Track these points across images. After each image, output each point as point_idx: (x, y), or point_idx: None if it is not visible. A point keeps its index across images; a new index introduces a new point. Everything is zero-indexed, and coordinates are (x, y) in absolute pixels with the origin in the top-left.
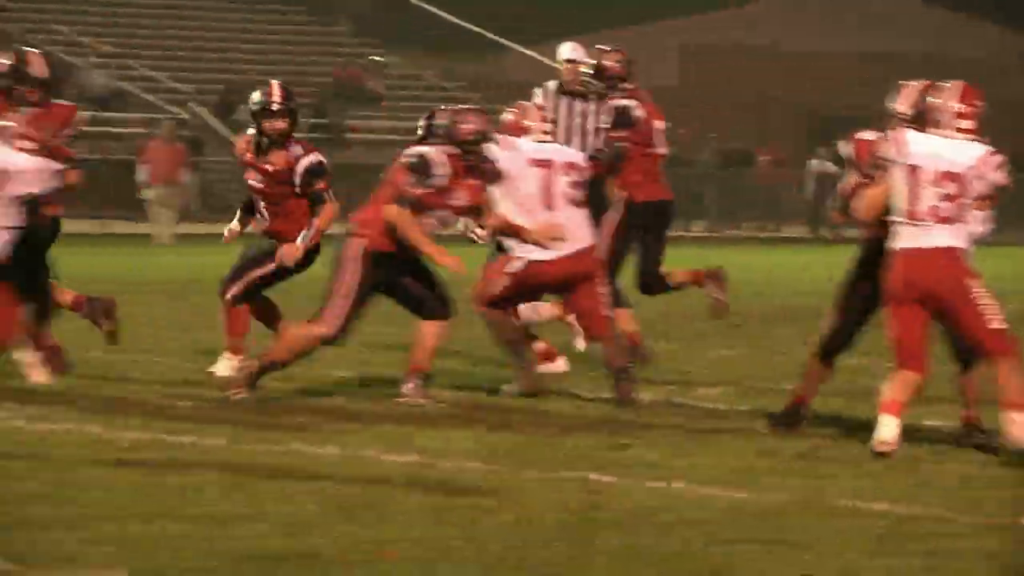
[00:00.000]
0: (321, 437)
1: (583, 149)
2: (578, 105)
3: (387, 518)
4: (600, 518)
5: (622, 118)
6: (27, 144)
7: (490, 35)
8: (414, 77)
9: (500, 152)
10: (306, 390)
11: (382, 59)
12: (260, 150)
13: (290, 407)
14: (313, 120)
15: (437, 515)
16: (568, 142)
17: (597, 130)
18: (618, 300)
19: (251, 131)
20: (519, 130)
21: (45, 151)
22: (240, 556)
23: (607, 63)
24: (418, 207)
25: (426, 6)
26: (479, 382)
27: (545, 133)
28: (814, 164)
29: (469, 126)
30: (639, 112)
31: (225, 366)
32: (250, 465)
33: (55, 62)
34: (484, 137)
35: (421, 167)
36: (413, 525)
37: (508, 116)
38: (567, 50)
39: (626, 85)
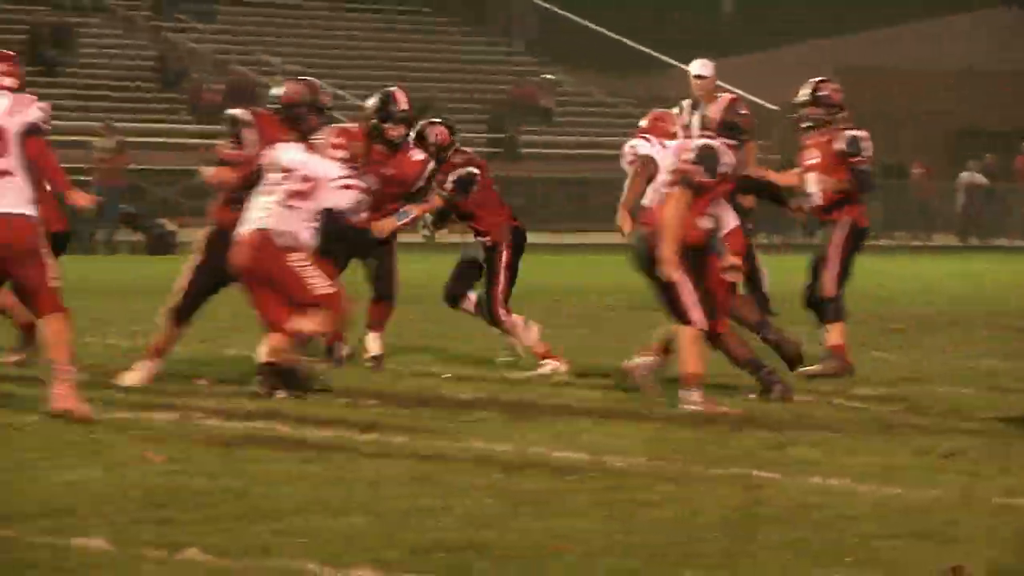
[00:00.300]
0: (498, 434)
1: None
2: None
3: (557, 512)
4: (761, 513)
5: (855, 147)
6: (338, 154)
7: (655, 54)
8: (583, 94)
9: (652, 148)
10: (484, 390)
11: (554, 77)
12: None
13: (468, 406)
14: (488, 135)
15: (604, 509)
16: None
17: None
18: (840, 313)
19: (342, 128)
20: (656, 132)
21: (354, 163)
22: (421, 547)
23: (826, 92)
24: (704, 194)
25: (595, 27)
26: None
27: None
28: (964, 176)
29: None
30: (868, 144)
31: (375, 344)
32: (431, 461)
33: (245, 81)
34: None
35: (709, 159)
36: (581, 519)
37: (643, 122)
38: (696, 67)
39: (843, 115)
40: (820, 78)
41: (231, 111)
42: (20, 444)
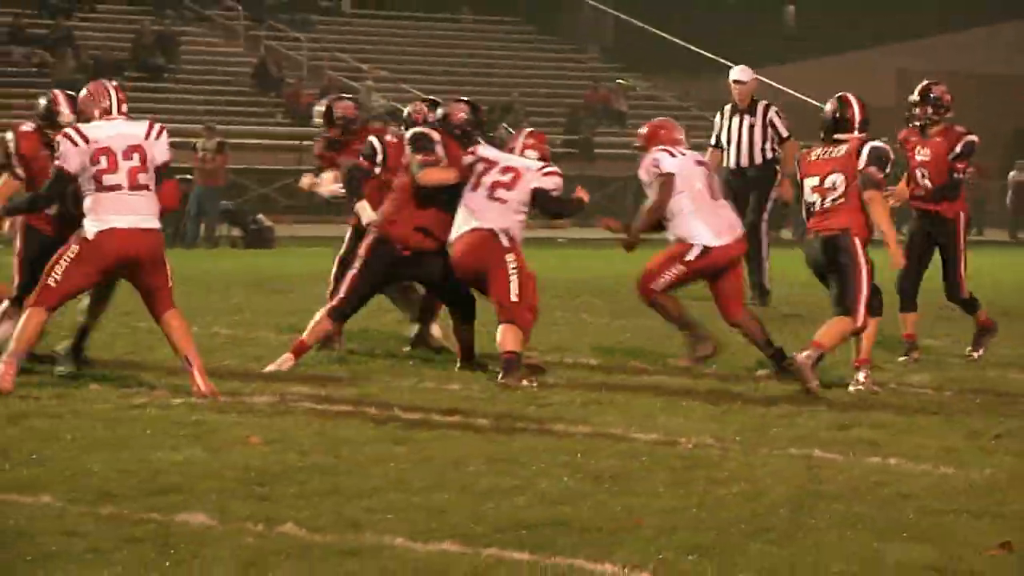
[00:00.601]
0: (576, 416)
1: (751, 155)
2: (747, 120)
3: (633, 490)
4: (823, 491)
5: (969, 152)
6: (533, 152)
7: (721, 60)
8: (655, 98)
9: (671, 159)
10: (560, 375)
11: (629, 82)
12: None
13: (547, 389)
14: (564, 136)
15: (677, 487)
16: (739, 151)
17: (764, 137)
18: (976, 304)
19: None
20: (664, 140)
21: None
22: (502, 523)
23: (937, 93)
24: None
25: (666, 35)
26: (721, 367)
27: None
28: (1013, 175)
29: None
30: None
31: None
32: (512, 443)
33: (337, 86)
34: None
35: (882, 158)
36: (656, 496)
37: (643, 130)
38: (736, 73)
39: (951, 115)
40: (932, 80)
41: (422, 130)
42: (127, 426)
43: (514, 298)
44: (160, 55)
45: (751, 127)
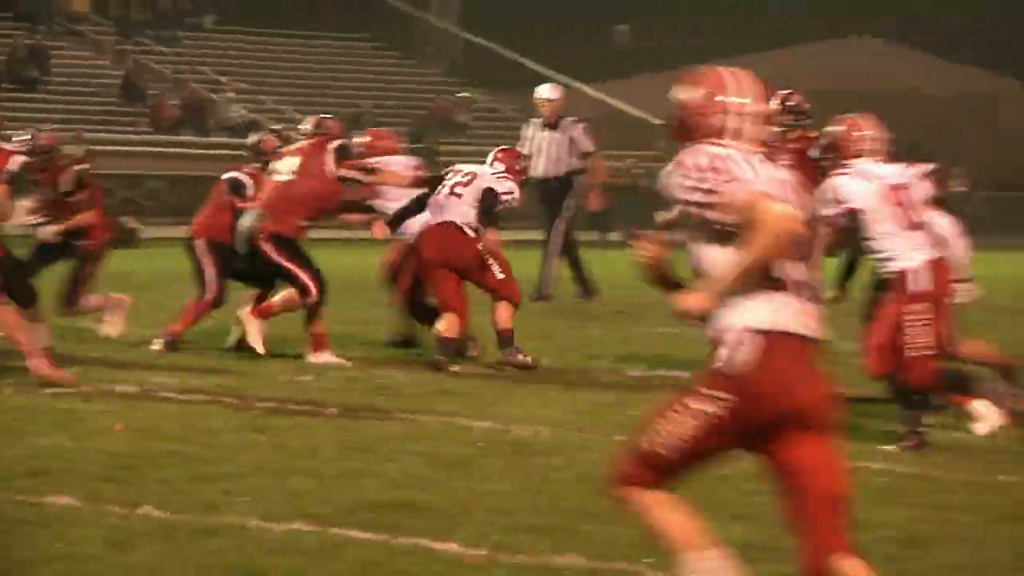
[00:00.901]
0: (421, 406)
1: (558, 168)
2: (557, 135)
3: (474, 474)
4: None
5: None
6: (500, 165)
7: (561, 76)
8: (495, 111)
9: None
10: (406, 368)
11: (469, 95)
12: None
13: (393, 382)
14: (411, 145)
15: (515, 472)
16: (545, 162)
17: (568, 152)
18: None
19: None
20: (379, 151)
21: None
22: (353, 505)
23: (795, 101)
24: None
25: (507, 53)
26: (551, 359)
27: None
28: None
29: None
30: None
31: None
32: (362, 431)
33: (199, 97)
34: None
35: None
36: (495, 480)
37: (365, 138)
38: (544, 91)
39: (809, 122)
40: (789, 90)
41: (344, 142)
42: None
43: (500, 276)
44: (33, 68)
45: (557, 142)
